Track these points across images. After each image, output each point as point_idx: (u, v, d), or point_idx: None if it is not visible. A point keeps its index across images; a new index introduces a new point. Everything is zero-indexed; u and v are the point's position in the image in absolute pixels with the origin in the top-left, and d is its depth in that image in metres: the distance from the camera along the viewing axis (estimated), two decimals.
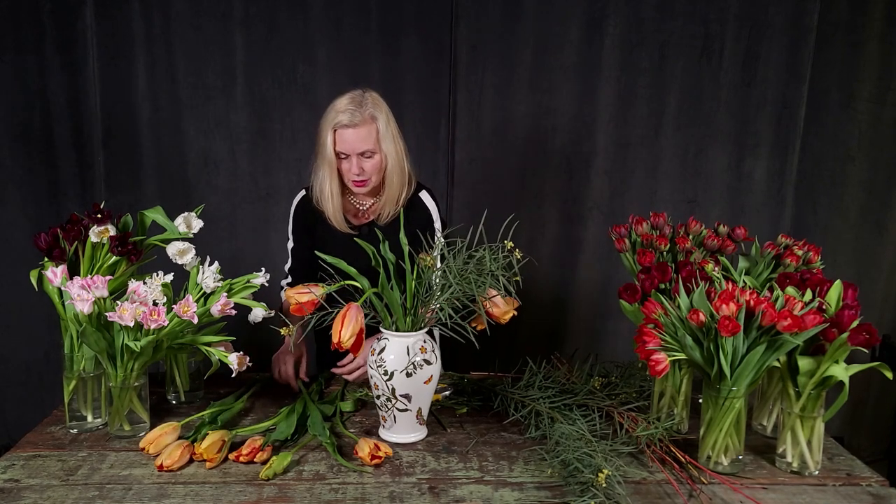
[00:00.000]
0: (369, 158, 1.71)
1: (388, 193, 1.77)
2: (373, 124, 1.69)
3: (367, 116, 1.68)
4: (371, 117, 1.69)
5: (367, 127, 1.68)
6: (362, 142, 1.68)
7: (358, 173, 1.70)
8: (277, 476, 1.24)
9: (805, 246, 1.52)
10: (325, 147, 1.70)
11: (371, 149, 1.70)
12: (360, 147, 1.68)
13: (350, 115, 1.66)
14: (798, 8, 2.56)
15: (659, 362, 1.22)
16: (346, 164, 1.71)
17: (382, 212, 1.79)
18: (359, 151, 1.69)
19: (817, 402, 1.26)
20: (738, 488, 1.22)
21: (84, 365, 1.42)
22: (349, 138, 1.67)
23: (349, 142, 1.67)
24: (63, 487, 1.20)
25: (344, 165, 1.71)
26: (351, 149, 1.68)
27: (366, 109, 1.68)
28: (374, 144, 1.70)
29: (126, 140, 2.57)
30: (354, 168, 1.69)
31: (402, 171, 1.76)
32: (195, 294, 1.43)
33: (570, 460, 1.22)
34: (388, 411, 1.37)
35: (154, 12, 2.49)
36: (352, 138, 1.67)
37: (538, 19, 2.56)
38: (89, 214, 1.45)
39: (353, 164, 1.69)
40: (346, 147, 1.68)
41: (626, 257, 1.58)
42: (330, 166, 1.72)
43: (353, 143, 1.68)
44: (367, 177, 1.72)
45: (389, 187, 1.76)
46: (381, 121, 1.70)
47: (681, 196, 2.69)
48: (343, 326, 1.27)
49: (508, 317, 1.41)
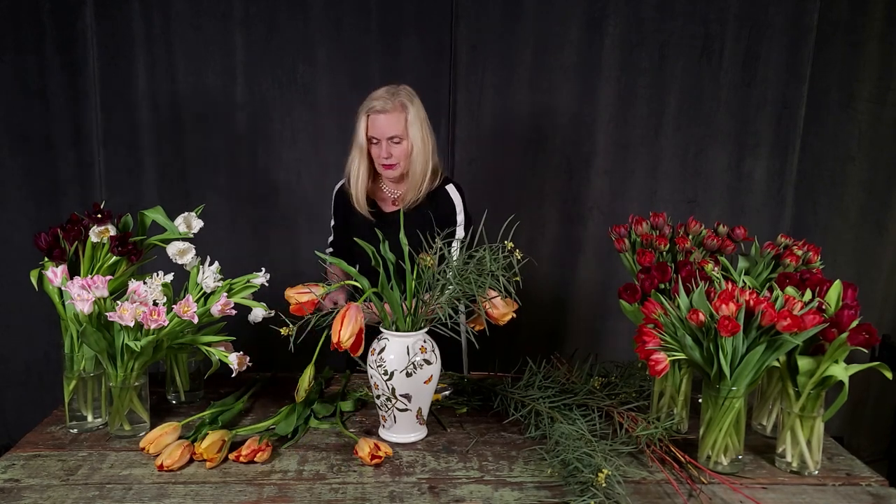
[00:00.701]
0: (397, 144, 1.83)
1: (411, 179, 1.88)
2: (403, 112, 1.82)
3: (398, 104, 1.82)
4: (402, 106, 1.82)
5: (398, 114, 1.81)
6: (391, 127, 1.81)
7: (386, 157, 1.83)
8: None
9: (805, 246, 1.52)
10: (358, 132, 1.84)
11: (399, 134, 1.82)
12: (389, 132, 1.81)
13: (383, 102, 1.81)
14: (798, 8, 2.56)
15: (659, 362, 1.22)
16: (377, 149, 1.84)
17: (406, 197, 1.89)
18: (388, 136, 1.81)
19: (817, 402, 1.26)
20: (738, 488, 1.22)
21: (84, 365, 1.42)
22: (380, 123, 1.81)
23: (379, 126, 1.81)
24: (63, 487, 1.20)
25: (374, 150, 1.85)
26: (381, 133, 1.81)
27: (398, 98, 1.82)
28: (402, 131, 1.82)
29: (126, 140, 2.57)
30: (384, 152, 1.82)
31: (425, 161, 1.87)
32: (195, 294, 1.43)
33: (570, 460, 1.22)
34: (388, 411, 1.37)
35: (154, 12, 2.49)
36: (382, 123, 1.80)
37: (538, 19, 2.56)
38: (89, 214, 1.45)
39: (382, 148, 1.82)
40: (376, 131, 1.81)
41: (626, 257, 1.58)
42: (361, 151, 1.85)
43: (383, 128, 1.81)
44: (395, 161, 1.84)
45: (412, 174, 1.87)
46: (410, 111, 1.83)
47: (681, 196, 2.69)
48: (342, 326, 1.27)
49: (507, 319, 1.41)
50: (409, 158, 1.86)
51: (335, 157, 2.64)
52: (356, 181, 1.88)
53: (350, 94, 2.58)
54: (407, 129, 1.83)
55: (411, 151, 1.85)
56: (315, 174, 2.64)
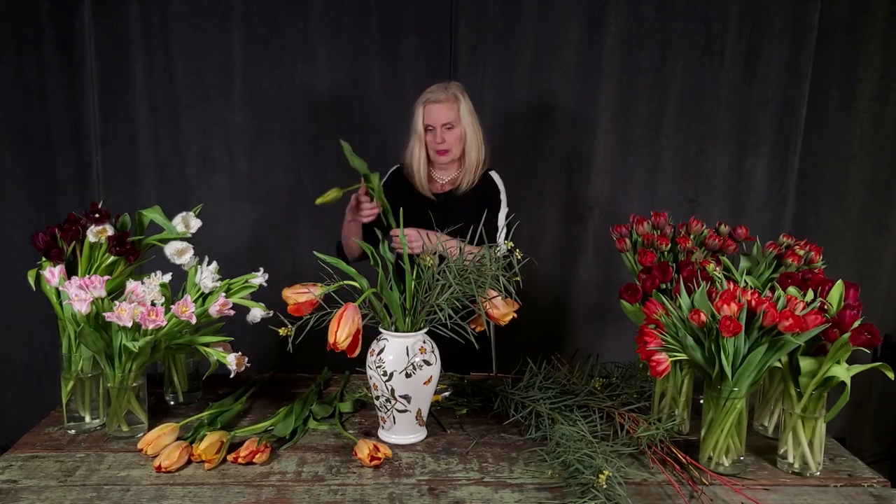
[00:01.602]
0: (450, 130, 1.99)
1: (468, 164, 2.05)
2: (455, 102, 1.99)
3: (451, 95, 1.99)
4: (455, 97, 2.00)
5: (451, 104, 1.99)
6: (445, 115, 1.98)
7: (441, 142, 1.99)
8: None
9: (806, 245, 1.51)
10: (416, 122, 2.00)
11: (452, 121, 1.99)
12: (444, 119, 1.97)
13: (437, 93, 1.99)
14: (799, 7, 2.56)
15: (660, 363, 1.21)
16: (431, 136, 2.00)
17: (463, 181, 2.05)
18: (442, 122, 1.98)
19: (819, 403, 1.25)
20: (740, 489, 1.21)
21: (82, 365, 1.41)
22: (434, 112, 1.98)
23: (434, 114, 1.98)
24: (61, 488, 1.20)
25: (429, 137, 2.00)
26: (436, 120, 1.98)
27: (451, 90, 2.00)
28: (455, 118, 1.99)
29: (124, 140, 2.57)
30: (438, 137, 1.98)
31: (479, 147, 2.05)
32: (193, 294, 1.42)
33: (571, 461, 1.21)
34: (388, 412, 1.37)
35: (152, 12, 2.49)
36: (437, 111, 1.98)
37: (538, 19, 2.55)
38: (87, 214, 1.45)
39: (437, 134, 1.98)
40: (432, 119, 1.98)
41: (627, 257, 1.57)
42: (419, 139, 2.01)
43: (437, 116, 1.97)
44: (448, 146, 2.00)
45: (468, 159, 2.04)
46: (462, 102, 2.01)
47: (681, 196, 2.69)
48: (339, 327, 1.26)
49: (508, 319, 1.40)
50: (461, 144, 2.02)
51: (335, 157, 2.64)
52: (418, 166, 2.03)
53: (350, 93, 2.58)
54: (460, 118, 1.99)
55: (465, 139, 2.02)
56: (314, 174, 2.63)
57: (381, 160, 2.62)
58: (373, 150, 2.63)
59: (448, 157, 2.02)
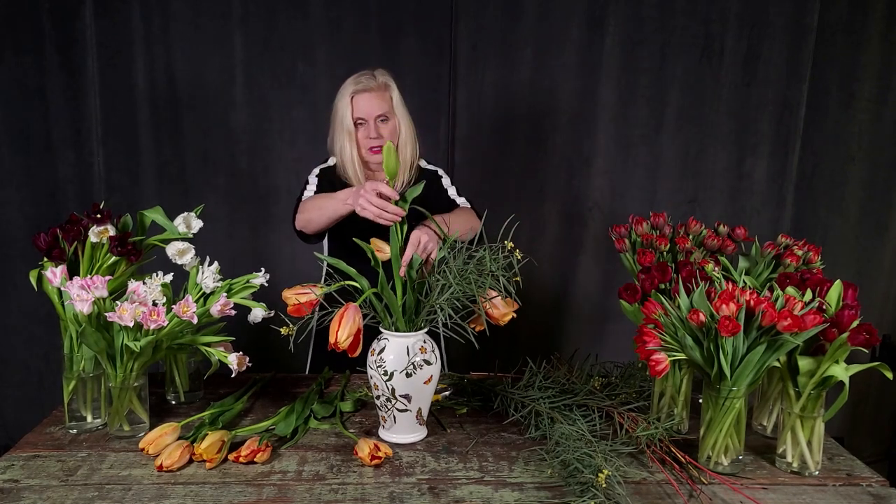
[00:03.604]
0: (385, 122, 1.79)
1: (401, 160, 1.84)
2: (386, 91, 1.80)
3: (381, 83, 1.79)
4: (385, 85, 1.80)
5: (382, 92, 1.79)
6: (378, 106, 1.77)
7: (376, 136, 1.77)
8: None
9: (805, 246, 1.52)
10: (344, 117, 1.78)
11: (386, 113, 1.79)
12: (377, 111, 1.77)
13: (366, 81, 1.78)
14: (798, 7, 2.56)
15: (659, 362, 1.22)
16: (364, 131, 1.78)
17: (397, 179, 1.83)
18: (376, 114, 1.77)
19: (817, 403, 1.26)
20: (739, 488, 1.22)
21: (83, 365, 1.41)
22: (366, 103, 1.76)
23: (366, 106, 1.76)
24: (62, 488, 1.20)
25: (361, 133, 1.79)
26: (368, 113, 1.77)
27: (380, 78, 1.80)
28: (389, 109, 1.79)
29: (125, 140, 2.57)
30: (372, 132, 1.77)
31: (414, 141, 1.86)
32: (195, 294, 1.43)
33: (570, 460, 1.22)
34: (388, 411, 1.37)
35: (153, 12, 2.49)
36: (369, 103, 1.76)
37: (538, 19, 2.56)
38: (89, 214, 1.45)
39: (370, 128, 1.77)
40: (363, 111, 1.77)
41: (626, 257, 1.58)
42: (350, 136, 1.79)
43: (369, 107, 1.77)
44: (383, 141, 1.77)
45: (402, 155, 1.84)
46: (394, 90, 1.81)
47: (681, 196, 2.69)
48: (340, 326, 1.27)
49: (507, 319, 1.41)
50: (396, 139, 1.82)
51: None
52: (353, 166, 1.80)
53: None
54: (394, 109, 1.81)
55: (400, 132, 1.82)
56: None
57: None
58: None
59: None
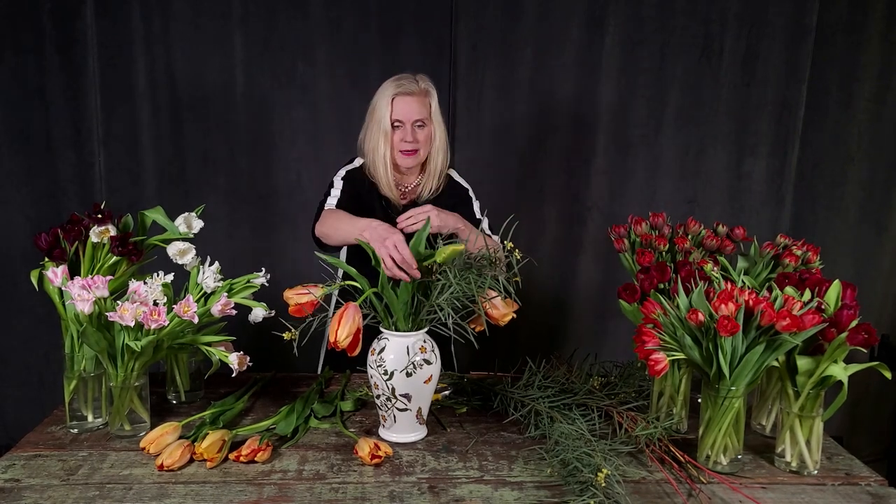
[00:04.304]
0: (421, 128, 1.79)
1: (432, 167, 1.84)
2: (427, 97, 1.80)
3: (422, 89, 1.79)
4: (426, 91, 1.80)
5: (423, 98, 1.79)
6: (418, 111, 1.77)
7: (411, 140, 1.77)
8: None
9: (804, 246, 1.52)
10: (383, 118, 1.77)
11: (424, 119, 1.79)
12: (416, 115, 1.77)
13: (409, 85, 1.78)
14: (798, 7, 2.57)
15: (658, 362, 1.22)
16: (400, 133, 1.78)
17: (425, 187, 1.86)
18: (414, 119, 1.77)
19: (816, 402, 1.26)
20: (738, 488, 1.22)
21: (84, 365, 1.42)
22: (406, 106, 1.76)
23: (406, 110, 1.76)
24: (63, 487, 1.20)
25: (397, 135, 1.78)
26: (407, 116, 1.77)
27: (421, 83, 1.80)
28: (427, 115, 1.79)
29: (126, 140, 2.57)
30: (408, 135, 1.77)
31: (446, 150, 1.86)
32: (195, 294, 1.43)
33: (570, 460, 1.22)
34: (388, 411, 1.38)
35: (153, 12, 2.49)
36: (409, 106, 1.77)
37: (538, 19, 2.56)
38: (90, 214, 1.45)
39: (406, 131, 1.77)
40: (402, 114, 1.77)
41: (626, 257, 1.58)
42: (385, 136, 1.78)
43: (409, 111, 1.77)
44: (418, 146, 1.79)
45: (434, 162, 1.84)
46: (434, 97, 1.81)
47: (680, 196, 2.69)
48: (340, 326, 1.27)
49: (507, 319, 1.41)
50: (428, 146, 1.82)
51: (335, 157, 2.64)
52: (385, 167, 1.80)
53: (350, 93, 2.58)
54: (431, 116, 1.81)
55: (434, 140, 1.82)
56: (315, 174, 2.64)
57: None
58: None
59: (415, 160, 1.80)
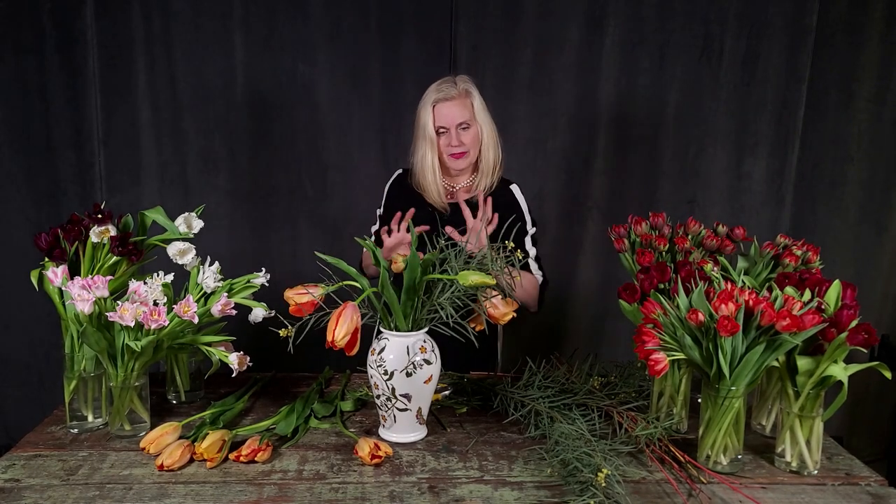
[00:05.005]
0: (466, 130, 1.81)
1: (484, 166, 1.88)
2: (467, 98, 1.82)
3: (462, 91, 1.81)
4: (466, 92, 1.82)
5: (463, 100, 1.81)
6: (460, 113, 1.80)
7: (457, 144, 1.80)
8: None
9: (804, 246, 1.52)
10: (426, 125, 1.80)
11: (468, 120, 1.81)
12: (458, 118, 1.80)
13: (447, 90, 1.80)
14: (798, 8, 2.57)
15: (658, 362, 1.22)
16: (445, 139, 1.81)
17: (479, 184, 1.89)
18: (457, 122, 1.80)
19: (816, 402, 1.26)
20: (738, 488, 1.22)
21: (84, 365, 1.42)
22: (447, 111, 1.79)
23: (447, 114, 1.79)
24: (63, 487, 1.20)
25: (443, 141, 1.82)
26: (450, 121, 1.80)
27: (460, 85, 1.82)
28: (470, 116, 1.81)
29: (126, 140, 2.57)
30: (454, 140, 1.80)
31: (496, 146, 1.88)
32: (196, 294, 1.43)
33: (570, 460, 1.22)
34: (388, 411, 1.38)
35: (154, 12, 2.49)
36: (450, 111, 1.79)
37: (538, 19, 2.56)
38: (90, 214, 1.45)
39: (452, 136, 1.80)
40: (445, 120, 1.80)
41: (626, 257, 1.58)
42: (431, 144, 1.82)
43: (450, 116, 1.79)
44: (465, 149, 1.82)
45: (485, 159, 1.87)
46: (475, 96, 1.83)
47: (680, 196, 2.70)
48: (337, 325, 1.27)
49: (507, 318, 1.41)
50: (478, 146, 1.85)
51: (335, 157, 2.65)
52: (432, 175, 1.84)
53: (350, 94, 2.59)
54: (475, 115, 1.82)
55: (482, 138, 1.85)
56: (315, 174, 2.64)
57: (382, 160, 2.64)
58: (373, 150, 2.64)
59: (466, 161, 1.83)
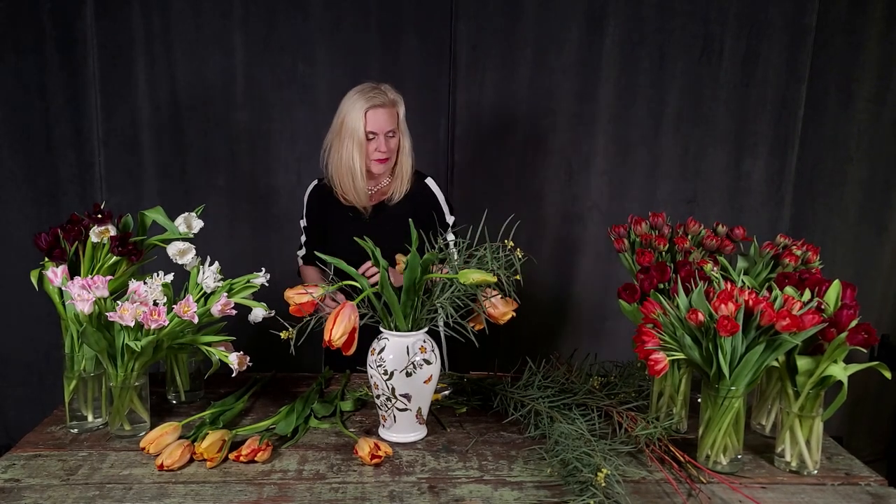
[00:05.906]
0: (392, 138, 1.88)
1: (402, 173, 1.94)
2: (395, 108, 1.88)
3: (392, 100, 1.88)
4: (394, 102, 1.89)
5: (392, 109, 1.87)
6: (389, 122, 1.86)
7: (385, 150, 1.86)
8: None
9: (804, 246, 1.52)
10: (357, 129, 1.84)
11: (394, 129, 1.88)
12: (387, 126, 1.86)
13: (379, 97, 1.85)
14: (797, 8, 2.57)
15: (658, 362, 1.22)
16: (374, 144, 1.86)
17: (395, 192, 1.94)
18: (386, 130, 1.85)
19: (816, 402, 1.26)
20: (737, 487, 1.22)
21: (84, 365, 1.42)
22: (379, 117, 1.84)
23: (379, 121, 1.84)
24: (63, 487, 1.20)
25: (371, 146, 1.86)
26: (380, 127, 1.85)
27: (390, 94, 1.88)
28: (396, 126, 1.88)
29: (126, 140, 2.57)
30: (382, 146, 1.86)
31: (411, 155, 1.95)
32: (195, 294, 1.43)
33: (570, 459, 1.22)
34: (388, 411, 1.38)
35: (153, 12, 2.49)
36: (381, 118, 1.85)
37: (538, 19, 2.56)
38: (90, 214, 1.45)
39: (380, 142, 1.86)
40: (376, 126, 1.84)
41: (626, 257, 1.58)
42: (360, 147, 1.85)
43: (381, 122, 1.85)
44: (390, 155, 1.88)
45: (402, 167, 1.93)
46: (401, 107, 1.90)
47: (680, 196, 2.70)
48: (335, 325, 1.27)
49: (507, 318, 1.41)
50: (396, 154, 1.91)
51: None
52: (360, 177, 1.88)
53: None
54: (399, 125, 1.89)
55: (402, 145, 1.91)
56: (315, 174, 2.63)
57: None
58: None
59: (386, 167, 1.90)
